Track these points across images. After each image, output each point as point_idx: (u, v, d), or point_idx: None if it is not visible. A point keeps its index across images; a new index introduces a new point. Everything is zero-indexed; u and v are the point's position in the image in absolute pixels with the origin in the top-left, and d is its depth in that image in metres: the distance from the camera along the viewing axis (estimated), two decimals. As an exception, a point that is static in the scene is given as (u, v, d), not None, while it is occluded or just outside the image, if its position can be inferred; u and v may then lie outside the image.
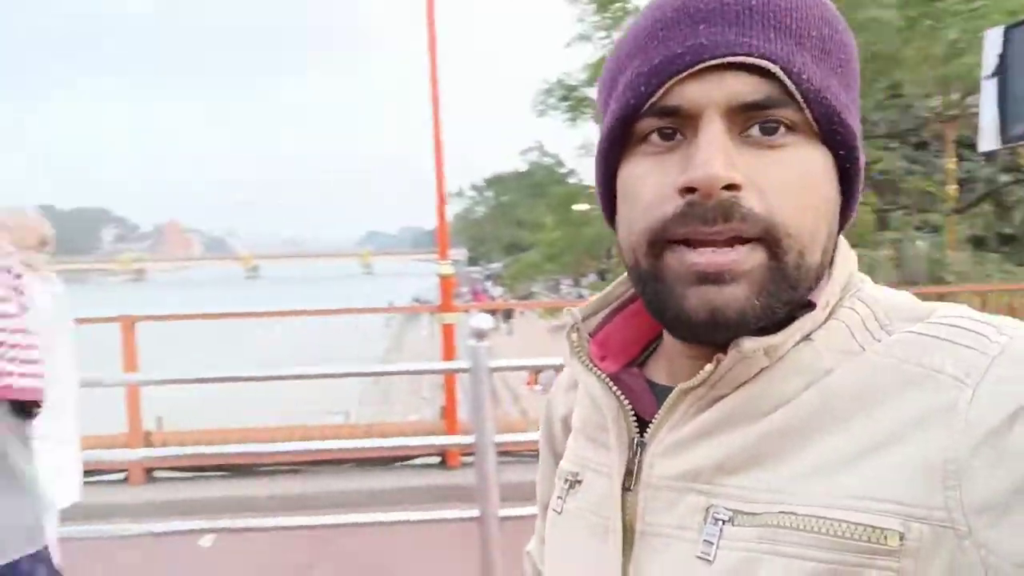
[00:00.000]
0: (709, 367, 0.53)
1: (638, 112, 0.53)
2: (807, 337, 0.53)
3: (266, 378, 4.52)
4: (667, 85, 0.52)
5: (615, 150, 0.56)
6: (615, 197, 0.58)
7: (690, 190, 0.50)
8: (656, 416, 0.57)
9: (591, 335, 0.65)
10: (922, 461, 0.47)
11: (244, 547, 3.96)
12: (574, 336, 0.63)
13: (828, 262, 0.56)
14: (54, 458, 2.12)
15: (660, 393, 0.59)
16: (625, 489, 0.57)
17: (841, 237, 0.58)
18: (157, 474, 5.19)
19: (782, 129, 0.52)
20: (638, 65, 0.53)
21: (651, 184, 0.53)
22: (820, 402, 0.51)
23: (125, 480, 5.08)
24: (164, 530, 3.39)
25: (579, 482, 0.63)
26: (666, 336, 0.61)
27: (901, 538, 0.46)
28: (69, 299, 2.53)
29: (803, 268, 0.52)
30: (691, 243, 0.52)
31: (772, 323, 0.52)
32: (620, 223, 0.57)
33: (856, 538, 0.47)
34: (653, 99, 0.52)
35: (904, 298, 0.56)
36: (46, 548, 1.64)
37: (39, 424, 1.70)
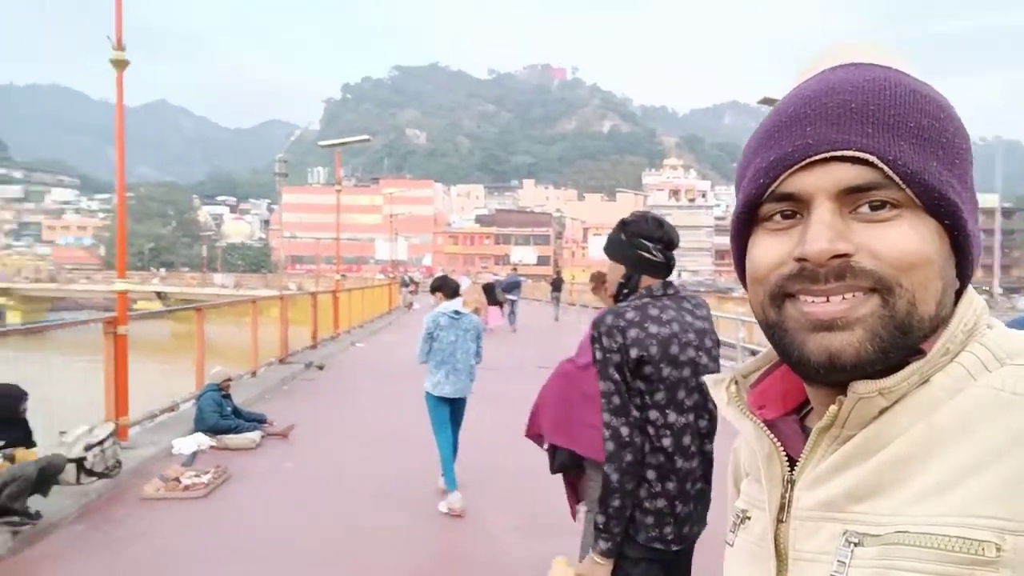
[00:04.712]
0: (834, 408, 0.61)
1: (761, 198, 0.64)
2: (927, 381, 0.59)
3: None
4: (782, 177, 0.62)
5: (745, 228, 0.67)
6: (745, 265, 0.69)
7: (804, 259, 0.60)
8: (802, 456, 0.65)
9: (752, 387, 0.74)
10: (1014, 479, 0.52)
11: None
12: (732, 388, 0.73)
13: (947, 314, 0.61)
14: None
15: None
16: (780, 521, 0.65)
17: (969, 288, 0.64)
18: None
19: (888, 206, 0.59)
20: (759, 161, 0.64)
21: (773, 252, 0.63)
22: (928, 433, 0.57)
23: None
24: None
25: (748, 518, 0.72)
26: (807, 387, 0.68)
27: (997, 549, 0.51)
28: None
29: (915, 316, 0.59)
30: (807, 294, 0.60)
31: (890, 367, 0.59)
32: (749, 285, 0.67)
33: (958, 550, 0.52)
34: (772, 188, 0.62)
35: None
36: None
37: None
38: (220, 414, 7.38)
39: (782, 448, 0.66)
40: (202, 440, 7.05)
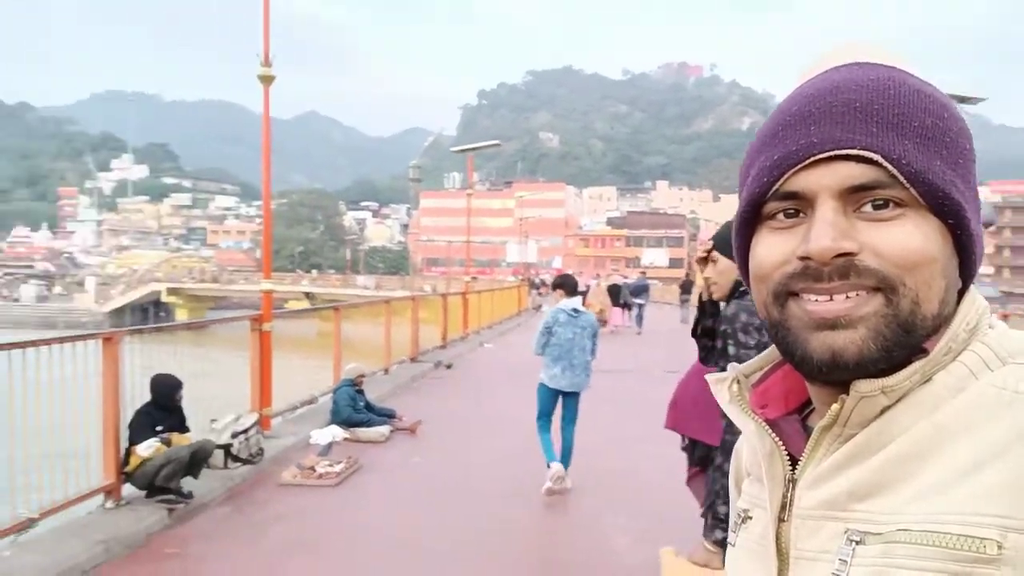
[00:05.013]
0: (836, 406, 0.61)
1: (764, 197, 0.64)
2: (929, 379, 0.59)
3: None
4: (786, 176, 0.62)
5: (749, 227, 0.67)
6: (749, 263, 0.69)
7: (807, 258, 0.60)
8: (804, 454, 0.64)
9: (754, 386, 0.74)
10: (1016, 476, 0.52)
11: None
12: (734, 387, 0.72)
13: (950, 313, 0.61)
14: None
15: None
16: (781, 520, 0.65)
17: (972, 288, 0.63)
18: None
19: (891, 205, 0.59)
20: (763, 160, 0.64)
21: (777, 251, 0.63)
22: (931, 431, 0.57)
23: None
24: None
25: (749, 518, 0.72)
26: (809, 387, 0.68)
27: (999, 547, 0.51)
28: None
29: (918, 315, 0.59)
30: (811, 292, 0.61)
31: (892, 366, 0.58)
32: (753, 283, 0.67)
33: (959, 548, 0.52)
34: (776, 187, 0.63)
35: None
36: None
37: None
38: (353, 408, 7.78)
39: (784, 447, 0.66)
40: (337, 432, 7.46)
